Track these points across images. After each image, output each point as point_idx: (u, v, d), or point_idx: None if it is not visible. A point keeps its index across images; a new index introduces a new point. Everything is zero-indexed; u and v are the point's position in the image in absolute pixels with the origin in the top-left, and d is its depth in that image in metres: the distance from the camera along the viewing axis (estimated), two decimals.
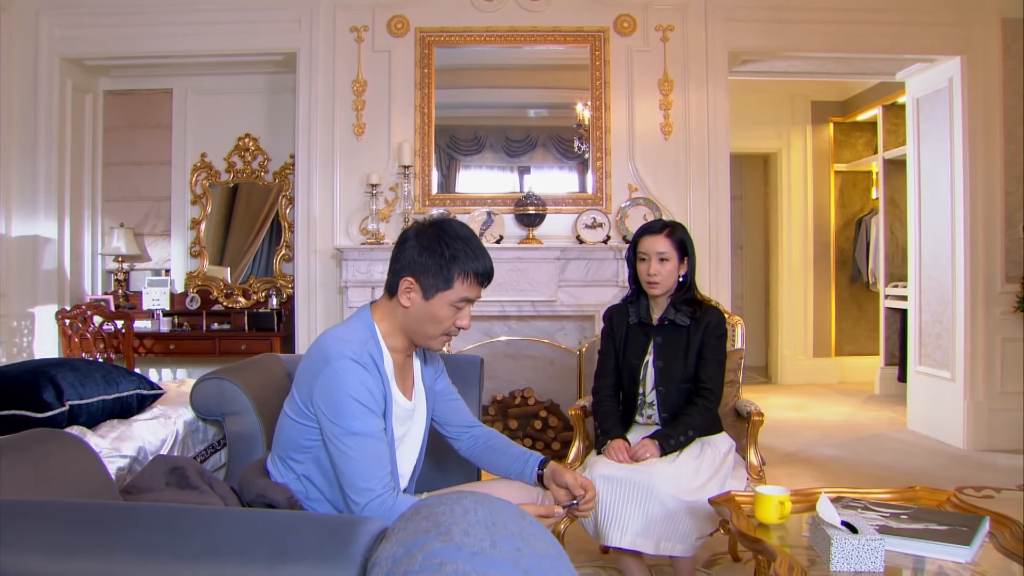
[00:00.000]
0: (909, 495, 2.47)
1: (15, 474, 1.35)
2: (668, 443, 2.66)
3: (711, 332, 2.81)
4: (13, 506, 1.04)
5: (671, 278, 2.79)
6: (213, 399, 2.34)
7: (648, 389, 2.85)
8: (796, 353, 7.86)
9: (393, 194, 4.98)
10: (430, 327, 1.91)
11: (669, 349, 2.82)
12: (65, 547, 0.92)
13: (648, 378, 2.84)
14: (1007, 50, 5.15)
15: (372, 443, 1.80)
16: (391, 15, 5.01)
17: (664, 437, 2.68)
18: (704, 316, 2.82)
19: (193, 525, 0.95)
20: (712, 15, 5.02)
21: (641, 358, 2.85)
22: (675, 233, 2.79)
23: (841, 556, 1.88)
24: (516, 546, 0.69)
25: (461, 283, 1.87)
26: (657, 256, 2.77)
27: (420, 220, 1.97)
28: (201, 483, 1.83)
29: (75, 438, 1.51)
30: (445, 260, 1.85)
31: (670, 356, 2.82)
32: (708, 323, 2.81)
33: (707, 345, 2.80)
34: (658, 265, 2.77)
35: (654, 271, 2.77)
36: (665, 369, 2.81)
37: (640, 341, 2.87)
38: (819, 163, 7.83)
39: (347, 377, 1.80)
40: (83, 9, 5.11)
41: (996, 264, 5.15)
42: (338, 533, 0.90)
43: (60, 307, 5.07)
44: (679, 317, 2.80)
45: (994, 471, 4.69)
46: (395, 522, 0.84)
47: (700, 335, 2.80)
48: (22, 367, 2.38)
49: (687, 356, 2.80)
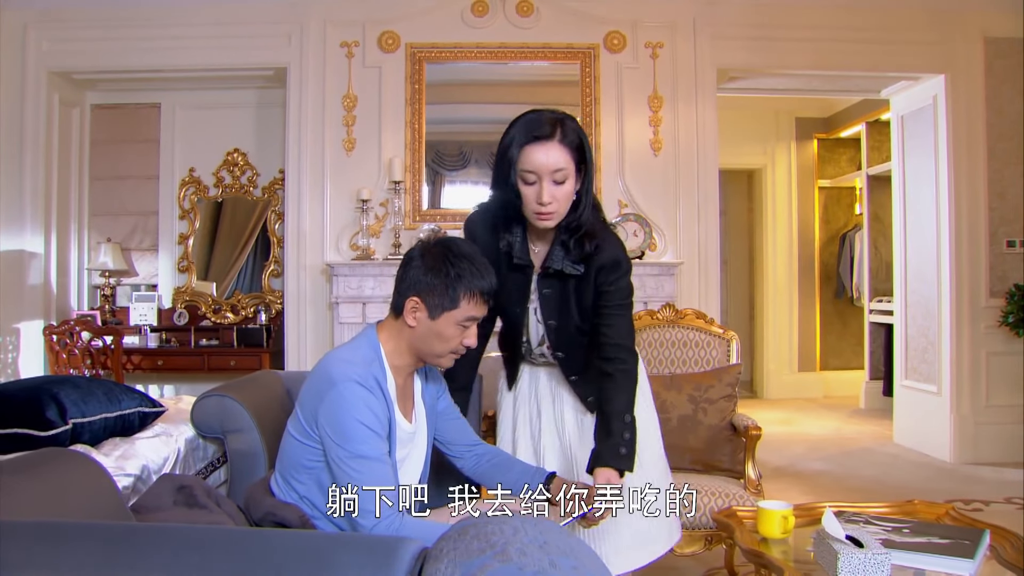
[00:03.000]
0: (908, 509, 2.49)
1: (30, 494, 1.33)
2: (620, 453, 2.00)
3: (607, 274, 2.06)
4: (40, 528, 1.03)
5: (567, 203, 1.98)
6: (214, 417, 2.33)
7: (535, 343, 2.21)
8: (781, 368, 7.91)
9: (383, 209, 4.97)
10: (437, 346, 1.90)
11: (559, 302, 2.12)
12: (100, 568, 0.91)
13: (533, 331, 2.18)
14: (989, 68, 5.24)
15: (378, 466, 1.79)
16: (382, 31, 5.02)
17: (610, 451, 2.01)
18: (596, 256, 2.04)
19: (227, 546, 0.94)
20: (701, 33, 5.07)
21: (521, 304, 2.14)
22: (568, 134, 1.95)
23: (848, 571, 1.90)
24: (572, 564, 0.70)
25: (467, 302, 1.86)
26: (551, 175, 1.93)
27: (424, 239, 1.97)
28: (209, 502, 1.82)
29: (87, 457, 1.49)
30: (451, 280, 1.84)
31: (561, 311, 2.12)
32: (602, 265, 2.05)
33: (605, 293, 2.07)
34: (553, 188, 1.94)
35: (547, 198, 1.94)
36: (560, 329, 2.14)
37: (517, 282, 2.11)
38: (803, 179, 7.91)
39: (353, 401, 1.80)
40: (71, 23, 5.09)
41: (981, 279, 5.22)
42: (377, 554, 0.89)
43: (46, 323, 5.02)
44: (568, 265, 2.04)
45: (981, 484, 4.74)
46: (439, 543, 0.84)
47: (592, 280, 2.07)
48: (23, 384, 2.36)
49: (581, 305, 2.11)
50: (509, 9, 5.02)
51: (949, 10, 5.19)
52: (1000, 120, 5.25)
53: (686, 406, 3.15)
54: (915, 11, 5.19)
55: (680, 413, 3.13)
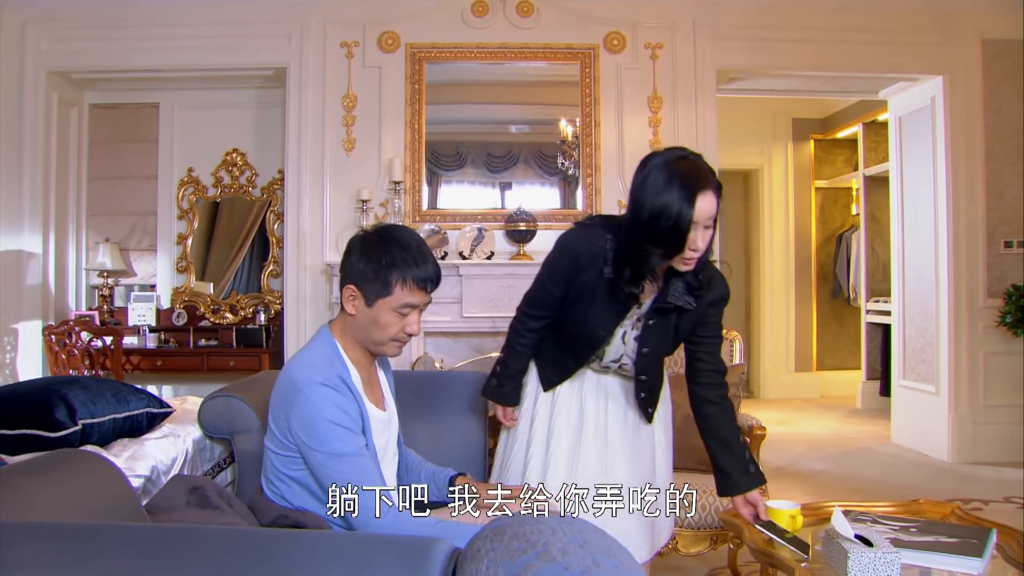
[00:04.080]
0: (913, 508, 2.50)
1: (50, 495, 1.33)
2: (750, 471, 2.19)
3: (716, 308, 2.15)
4: (71, 529, 1.02)
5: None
6: (222, 417, 2.32)
7: (608, 359, 2.20)
8: (778, 368, 7.93)
9: (383, 210, 4.97)
10: (376, 333, 1.89)
11: (660, 333, 2.13)
12: (132, 571, 0.91)
13: (613, 350, 2.18)
14: (987, 69, 5.26)
15: (358, 461, 1.80)
16: (382, 31, 5.02)
17: (744, 475, 2.18)
18: (709, 288, 2.08)
19: (261, 549, 0.94)
20: (700, 33, 5.08)
21: (609, 329, 2.14)
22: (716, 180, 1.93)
23: (858, 570, 1.90)
24: (615, 564, 0.70)
25: (401, 289, 1.85)
26: (705, 224, 1.89)
27: (365, 227, 1.99)
28: (221, 503, 1.81)
29: (102, 459, 1.49)
30: (383, 266, 1.84)
31: (659, 341, 2.15)
32: (714, 299, 2.12)
33: (708, 324, 2.15)
34: (706, 234, 1.91)
35: (703, 244, 1.91)
36: (651, 354, 2.16)
37: (614, 309, 2.10)
38: (800, 179, 7.93)
39: (321, 402, 1.80)
40: (70, 22, 5.07)
41: (979, 279, 5.24)
42: (413, 555, 0.89)
43: (44, 323, 5.01)
44: (688, 300, 2.04)
45: (980, 483, 4.76)
46: (475, 543, 0.84)
47: (700, 313, 2.11)
48: (31, 385, 2.34)
49: (679, 334, 2.15)
50: (509, 9, 5.02)
51: (948, 12, 5.22)
52: (998, 121, 5.28)
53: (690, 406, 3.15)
54: (914, 13, 5.21)
55: (684, 413, 3.11)
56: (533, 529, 0.78)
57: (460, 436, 2.55)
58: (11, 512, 1.22)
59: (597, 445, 2.23)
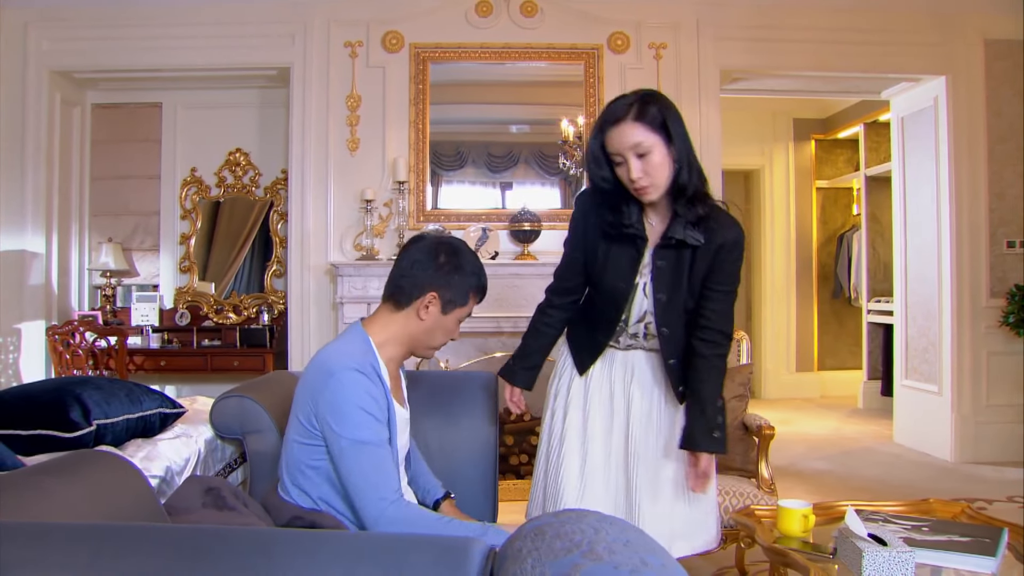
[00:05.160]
0: (924, 507, 2.51)
1: (72, 496, 1.33)
2: (714, 436, 2.07)
3: (727, 253, 2.05)
4: (105, 530, 1.02)
5: (663, 171, 1.97)
6: (234, 418, 2.31)
7: (633, 319, 2.16)
8: (779, 367, 7.94)
9: (387, 210, 4.97)
10: (438, 339, 1.99)
11: (672, 275, 2.07)
12: (166, 572, 0.91)
13: (635, 308, 2.14)
14: (990, 70, 5.28)
15: (378, 451, 1.82)
16: (385, 31, 5.02)
17: (705, 433, 2.07)
18: (719, 229, 2.03)
19: (294, 550, 0.94)
20: (704, 34, 5.09)
21: (629, 280, 2.11)
22: (647, 111, 1.95)
23: (873, 569, 1.91)
24: (661, 563, 0.70)
25: (472, 300, 1.99)
26: (634, 152, 1.96)
27: (428, 237, 2.02)
28: (237, 503, 1.81)
29: (122, 459, 1.49)
30: (467, 279, 1.95)
31: (673, 285, 2.08)
32: (724, 242, 2.04)
33: (719, 271, 2.06)
34: (639, 163, 1.96)
35: (636, 174, 1.96)
36: (669, 304, 2.09)
37: (628, 256, 2.09)
38: (801, 180, 7.95)
39: (352, 387, 1.82)
40: (72, 22, 5.06)
41: (981, 279, 5.25)
42: (449, 554, 0.89)
43: (47, 323, 5.00)
44: (691, 234, 2.00)
45: (983, 483, 4.77)
46: (514, 543, 0.84)
47: (711, 256, 2.04)
48: (45, 386, 2.34)
49: (691, 282, 2.08)
50: (513, 9, 5.02)
51: (950, 12, 5.23)
52: (999, 122, 5.29)
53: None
54: (916, 13, 5.22)
55: None
56: (575, 528, 0.78)
57: (470, 433, 2.55)
58: (36, 512, 1.22)
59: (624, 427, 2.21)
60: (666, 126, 1.95)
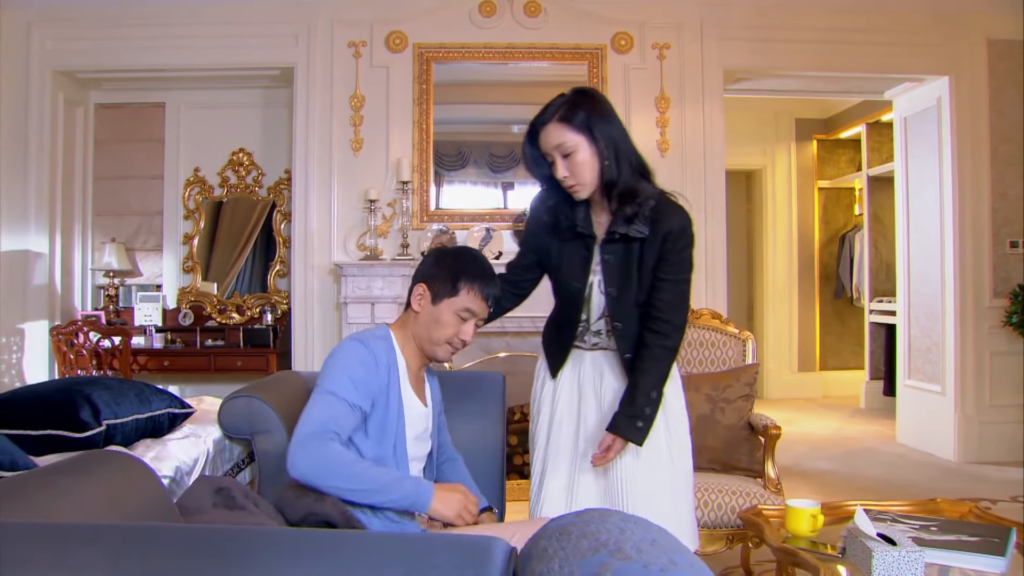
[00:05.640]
0: (931, 507, 2.51)
1: (88, 496, 1.33)
2: (636, 426, 2.04)
3: (672, 242, 2.05)
4: (129, 531, 1.02)
5: (589, 171, 2.02)
6: (243, 418, 2.31)
7: (594, 318, 2.18)
8: (781, 367, 7.94)
9: (391, 210, 4.97)
10: (435, 332, 2.03)
11: (621, 270, 2.10)
12: (193, 572, 0.91)
13: (594, 307, 2.17)
14: (993, 70, 5.28)
15: (340, 406, 1.88)
16: (389, 31, 5.01)
17: (628, 421, 2.04)
18: (663, 219, 2.05)
19: (319, 550, 0.94)
20: (707, 34, 5.09)
21: (582, 280, 2.14)
22: (570, 112, 2.01)
23: (883, 568, 1.91)
24: (689, 562, 0.70)
25: (467, 293, 2.01)
26: (558, 152, 2.02)
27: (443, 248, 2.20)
28: (247, 503, 1.81)
29: (136, 460, 1.49)
30: (454, 271, 2.03)
31: (622, 279, 2.10)
32: (669, 231, 2.04)
33: (666, 260, 2.06)
34: (564, 163, 2.02)
35: (562, 173, 2.03)
36: (619, 299, 2.11)
37: (579, 255, 2.14)
38: (803, 180, 7.95)
39: (348, 352, 1.95)
40: (76, 21, 5.06)
41: (984, 279, 5.26)
42: (473, 554, 0.89)
43: (50, 323, 4.99)
44: (634, 228, 2.04)
45: (986, 483, 4.77)
46: (539, 542, 0.84)
47: (658, 246, 2.06)
48: (54, 386, 2.34)
49: (642, 275, 2.09)
50: (517, 10, 5.02)
51: (953, 12, 5.23)
52: (1003, 122, 5.29)
53: (704, 406, 3.16)
54: (919, 13, 5.23)
55: (698, 413, 3.14)
56: (600, 528, 0.78)
57: (478, 432, 2.56)
58: (53, 512, 1.22)
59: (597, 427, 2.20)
60: (588, 124, 2.00)
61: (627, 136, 2.06)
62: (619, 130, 2.04)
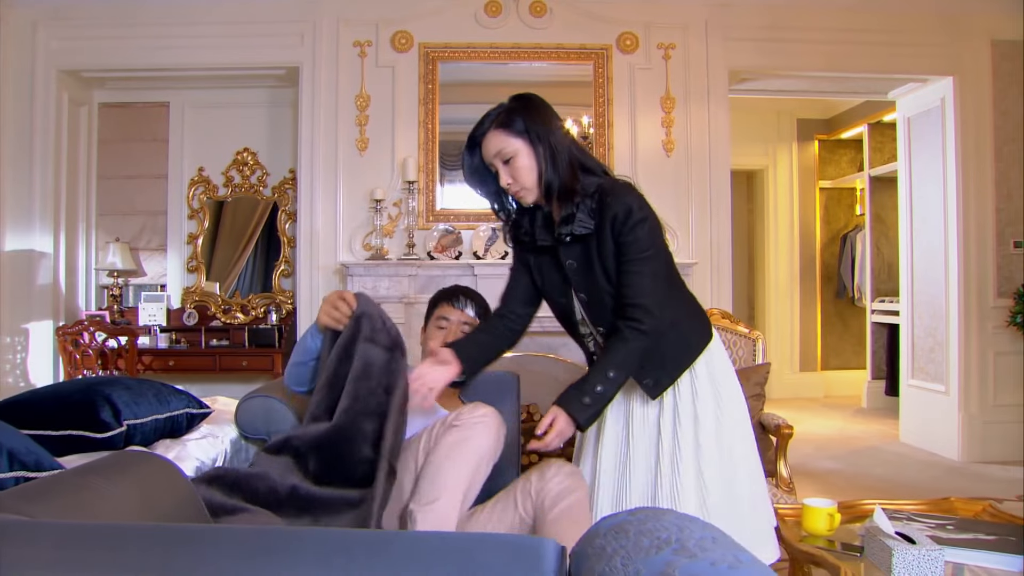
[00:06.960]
0: (945, 506, 2.52)
1: (123, 497, 1.33)
2: (583, 402, 1.93)
3: (621, 224, 1.94)
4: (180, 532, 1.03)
5: (529, 175, 1.98)
6: (260, 418, 2.31)
7: (588, 330, 2.14)
8: (783, 367, 7.94)
9: (397, 209, 4.97)
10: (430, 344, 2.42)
11: (584, 272, 2.03)
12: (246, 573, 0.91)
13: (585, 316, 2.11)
14: (997, 70, 5.29)
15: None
16: (395, 31, 5.01)
17: (576, 393, 1.95)
18: (607, 207, 1.96)
19: (370, 550, 0.94)
20: (712, 34, 5.10)
21: (567, 294, 2.10)
22: (507, 118, 2.01)
23: (903, 567, 1.91)
24: (751, 559, 0.70)
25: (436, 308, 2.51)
26: (499, 159, 2.01)
27: None
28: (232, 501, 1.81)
29: (165, 460, 1.49)
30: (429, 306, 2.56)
31: (588, 281, 2.03)
32: (615, 215, 1.94)
33: (622, 245, 1.96)
34: (506, 169, 2.00)
35: (505, 181, 2.00)
36: (592, 302, 2.05)
37: (553, 267, 2.10)
38: (804, 180, 7.96)
39: None
40: (80, 21, 5.05)
41: (988, 279, 5.27)
42: (524, 553, 0.90)
43: (55, 323, 4.99)
44: (577, 225, 1.97)
45: (991, 482, 4.78)
46: (594, 540, 0.84)
47: (608, 235, 1.96)
48: (73, 386, 2.34)
49: (606, 271, 2.00)
50: (522, 9, 5.02)
51: (957, 13, 5.25)
52: (1006, 122, 5.31)
53: None
54: (923, 14, 5.24)
55: None
56: (658, 526, 0.78)
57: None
58: (92, 513, 1.23)
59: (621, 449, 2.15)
60: (526, 129, 1.97)
61: (568, 137, 2.03)
62: (558, 132, 2.00)
